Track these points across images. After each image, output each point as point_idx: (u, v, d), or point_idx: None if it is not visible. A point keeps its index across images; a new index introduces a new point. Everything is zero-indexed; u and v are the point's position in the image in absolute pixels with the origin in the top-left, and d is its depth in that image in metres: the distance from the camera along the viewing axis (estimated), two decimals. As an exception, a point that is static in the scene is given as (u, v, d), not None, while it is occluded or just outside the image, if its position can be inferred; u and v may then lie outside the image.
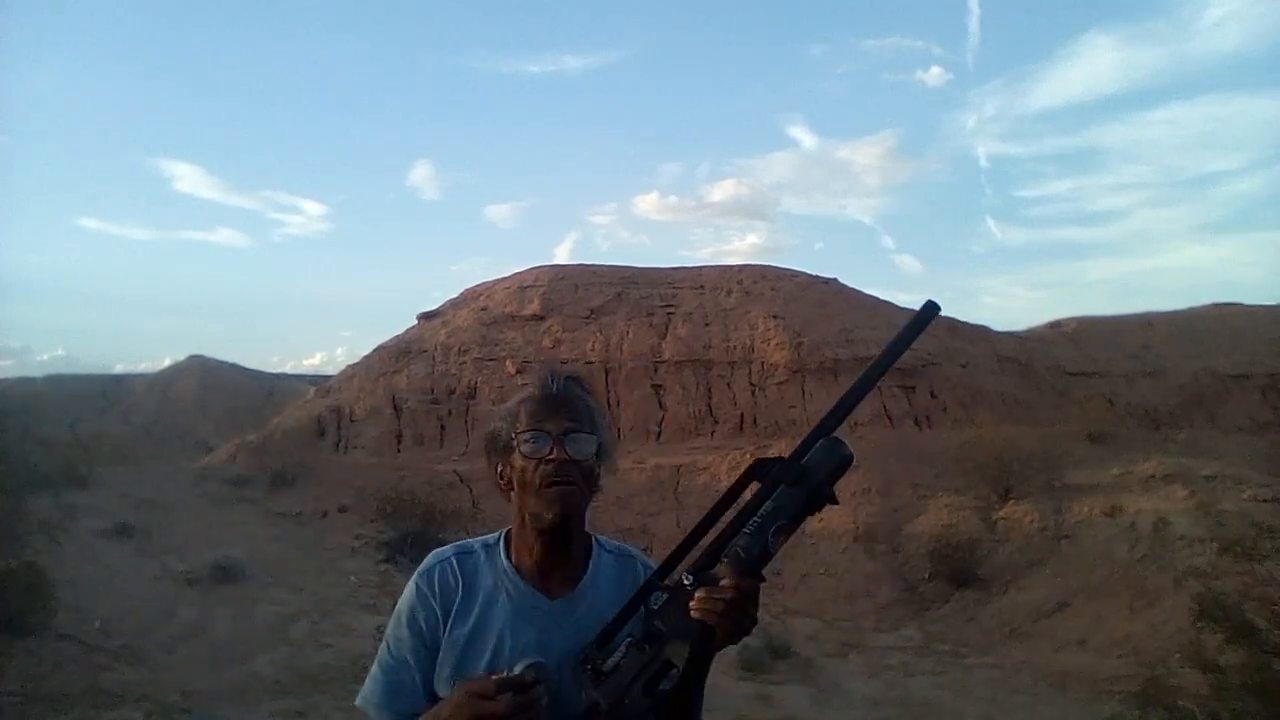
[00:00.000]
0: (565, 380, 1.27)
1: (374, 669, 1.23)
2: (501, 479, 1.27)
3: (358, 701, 1.24)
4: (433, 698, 1.19)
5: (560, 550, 1.25)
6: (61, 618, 7.41)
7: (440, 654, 1.21)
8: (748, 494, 1.08)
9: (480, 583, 1.24)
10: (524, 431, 1.21)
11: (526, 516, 1.22)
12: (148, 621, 8.35)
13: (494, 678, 1.07)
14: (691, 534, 1.13)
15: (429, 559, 1.28)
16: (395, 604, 1.28)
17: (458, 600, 1.22)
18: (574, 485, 1.19)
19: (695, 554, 1.11)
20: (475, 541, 1.31)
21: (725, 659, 8.87)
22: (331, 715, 6.43)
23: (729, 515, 1.08)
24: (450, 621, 1.21)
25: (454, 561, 1.26)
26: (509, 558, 1.27)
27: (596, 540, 1.34)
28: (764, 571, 1.05)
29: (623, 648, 1.13)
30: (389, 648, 1.23)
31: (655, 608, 1.13)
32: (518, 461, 1.21)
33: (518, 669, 1.11)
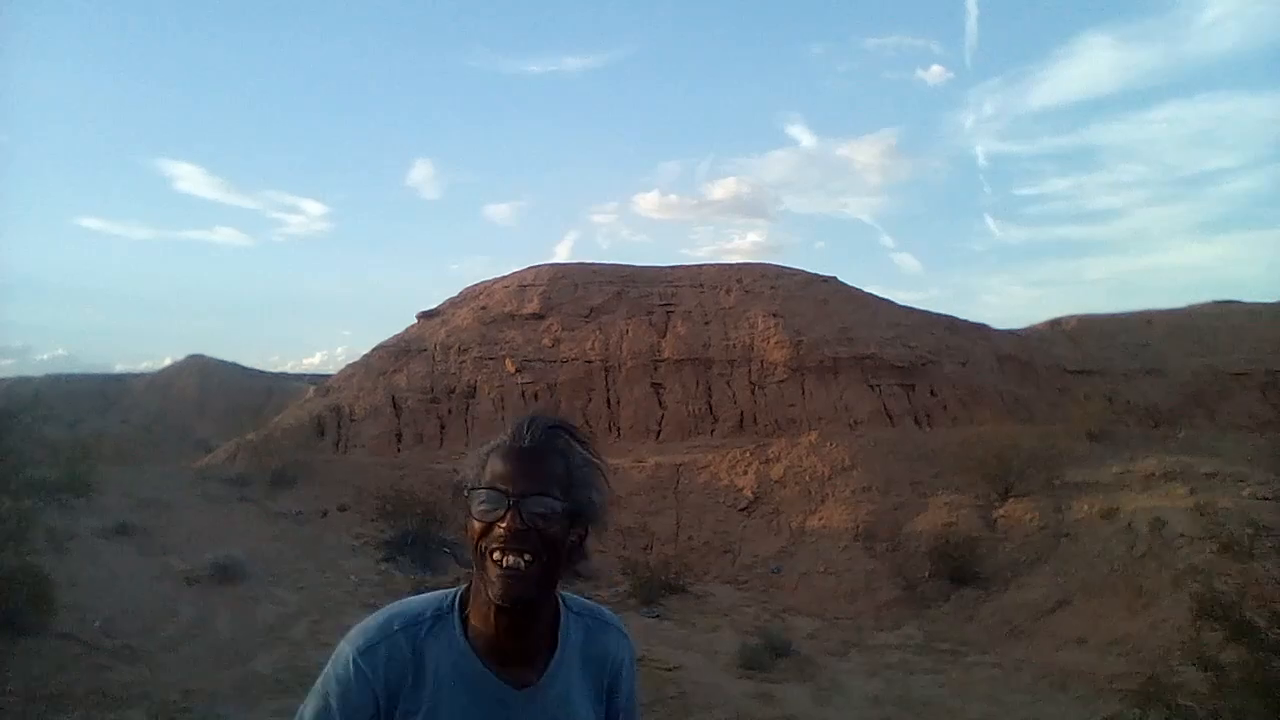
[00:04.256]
0: (545, 431, 1.08)
1: None
2: (465, 532, 1.09)
3: None
4: None
5: (519, 631, 1.10)
6: (62, 617, 7.40)
7: None
8: None
9: (431, 664, 1.08)
10: (479, 489, 1.05)
11: (482, 584, 1.07)
12: (148, 621, 8.35)
13: None
14: None
15: (371, 632, 1.10)
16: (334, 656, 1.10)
17: (407, 686, 1.06)
18: (526, 563, 1.02)
19: None
20: (426, 605, 1.14)
21: (725, 657, 8.88)
22: (332, 715, 6.42)
23: None
24: (396, 712, 1.06)
25: (401, 639, 1.08)
26: (465, 630, 1.11)
27: (564, 602, 1.18)
28: (764, 571, 1.06)
29: None
30: None
31: None
32: (471, 522, 1.06)
33: None
